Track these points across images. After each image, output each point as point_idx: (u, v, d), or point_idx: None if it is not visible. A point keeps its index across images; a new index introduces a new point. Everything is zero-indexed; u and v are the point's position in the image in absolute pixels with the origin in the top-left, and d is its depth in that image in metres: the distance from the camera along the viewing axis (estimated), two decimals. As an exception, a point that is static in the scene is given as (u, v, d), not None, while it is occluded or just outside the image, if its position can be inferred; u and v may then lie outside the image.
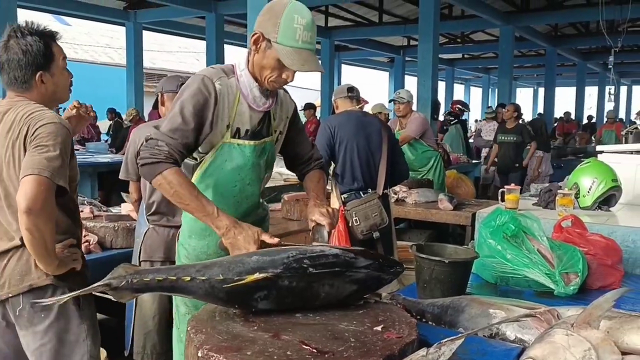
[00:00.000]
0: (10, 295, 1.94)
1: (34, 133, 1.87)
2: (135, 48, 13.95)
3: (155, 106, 3.23)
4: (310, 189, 2.08)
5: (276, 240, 1.69)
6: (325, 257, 1.50)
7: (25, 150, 1.87)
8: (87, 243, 3.20)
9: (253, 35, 1.79)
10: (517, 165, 7.92)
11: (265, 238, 1.68)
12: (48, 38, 2.02)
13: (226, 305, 1.49)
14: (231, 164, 1.88)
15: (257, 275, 1.43)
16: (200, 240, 1.99)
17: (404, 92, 5.91)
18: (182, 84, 2.94)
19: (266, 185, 5.08)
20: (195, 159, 1.92)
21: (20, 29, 1.98)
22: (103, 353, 2.82)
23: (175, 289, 1.49)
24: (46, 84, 2.01)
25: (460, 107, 9.85)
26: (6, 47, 1.96)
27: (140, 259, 2.83)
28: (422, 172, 5.77)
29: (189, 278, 1.45)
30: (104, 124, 13.39)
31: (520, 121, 8.51)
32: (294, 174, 2.19)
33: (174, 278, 1.46)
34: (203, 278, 1.44)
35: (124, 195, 3.94)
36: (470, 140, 11.00)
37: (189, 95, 1.81)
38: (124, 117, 11.71)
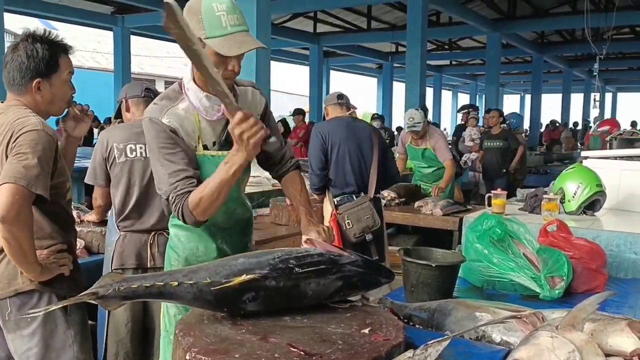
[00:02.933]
0: None
1: (15, 140, 1.85)
2: (122, 53, 13.91)
3: (117, 115, 3.09)
4: (295, 198, 2.03)
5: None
6: (311, 257, 1.52)
7: (7, 157, 1.86)
8: (73, 248, 3.18)
9: None
10: (504, 170, 7.98)
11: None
12: (58, 48, 2.02)
13: (215, 309, 1.49)
14: (207, 175, 1.82)
15: (244, 277, 1.44)
16: (188, 243, 1.98)
17: (417, 115, 5.38)
18: (147, 89, 2.91)
19: (254, 190, 5.06)
20: None
21: (34, 35, 1.99)
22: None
23: (163, 295, 1.48)
24: (42, 92, 2.01)
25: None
26: (14, 48, 1.98)
27: (112, 267, 2.74)
28: (435, 185, 5.55)
29: (176, 283, 1.44)
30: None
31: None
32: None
33: (162, 284, 1.45)
34: (191, 282, 1.44)
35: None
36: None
37: (155, 141, 1.79)
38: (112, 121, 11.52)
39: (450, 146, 6.64)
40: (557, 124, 16.89)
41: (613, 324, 1.40)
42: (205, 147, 1.86)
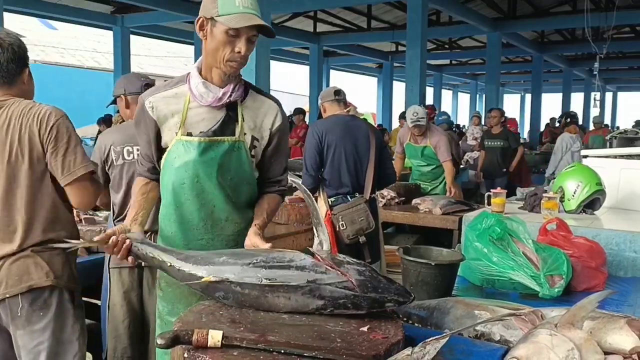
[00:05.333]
0: (7, 295, 1.95)
1: (50, 129, 1.96)
2: (122, 52, 13.90)
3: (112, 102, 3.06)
4: (259, 212, 1.96)
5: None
6: (287, 268, 1.50)
7: (44, 149, 1.96)
8: (73, 247, 3.18)
9: (197, 22, 1.80)
10: (504, 170, 7.98)
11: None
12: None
13: (203, 293, 1.63)
14: (179, 160, 1.87)
15: (210, 278, 1.54)
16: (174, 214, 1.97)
17: (421, 111, 5.44)
18: (147, 84, 2.90)
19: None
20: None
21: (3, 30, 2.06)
22: (89, 357, 2.80)
23: (162, 268, 1.75)
24: (29, 81, 2.09)
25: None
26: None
27: (110, 266, 2.76)
28: (433, 184, 5.61)
29: (169, 264, 1.68)
30: (92, 129, 13.28)
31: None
32: None
33: (161, 259, 1.71)
34: (178, 268, 1.65)
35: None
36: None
37: (134, 119, 2.00)
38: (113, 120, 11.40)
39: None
40: (556, 123, 16.87)
41: (612, 322, 1.39)
42: (189, 134, 1.87)
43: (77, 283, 2.11)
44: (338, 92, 3.90)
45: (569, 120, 8.51)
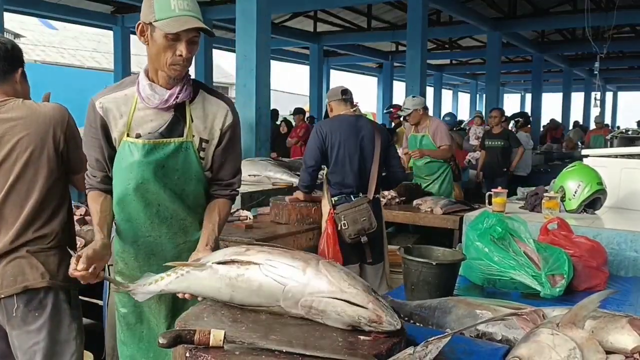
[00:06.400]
0: (2, 296, 1.96)
1: (65, 129, 2.03)
2: (122, 52, 13.89)
3: None
4: (209, 222, 1.95)
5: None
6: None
7: (56, 146, 2.02)
8: (73, 247, 3.19)
9: (137, 28, 1.82)
10: (505, 169, 7.99)
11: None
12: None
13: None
14: (124, 161, 1.90)
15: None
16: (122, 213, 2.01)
17: (408, 101, 5.70)
18: None
19: (254, 189, 5.03)
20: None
21: None
22: (90, 357, 2.80)
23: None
24: (22, 81, 2.11)
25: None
26: None
27: (107, 263, 2.78)
28: (427, 180, 5.63)
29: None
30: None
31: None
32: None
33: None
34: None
35: None
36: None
37: (86, 121, 1.96)
38: None
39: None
40: (557, 123, 16.87)
41: (614, 322, 1.39)
42: (137, 135, 1.89)
43: (74, 283, 2.06)
44: (345, 92, 3.90)
45: (523, 120, 9.59)
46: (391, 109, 9.12)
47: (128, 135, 1.89)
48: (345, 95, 3.89)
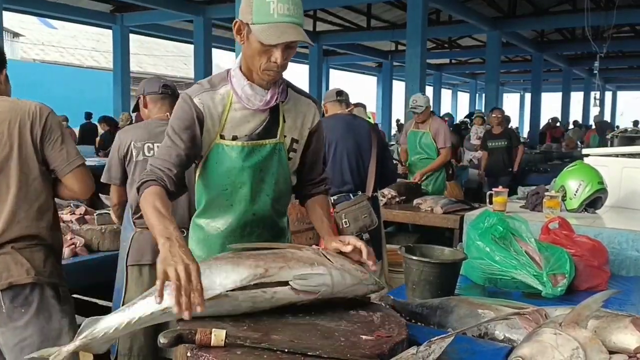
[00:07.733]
0: None
1: (44, 124, 2.00)
2: (122, 51, 13.91)
3: (135, 109, 3.14)
4: (319, 223, 1.89)
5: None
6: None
7: (34, 143, 1.99)
8: (73, 246, 3.18)
9: (235, 25, 1.71)
10: (510, 169, 8.01)
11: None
12: None
13: None
14: (221, 166, 1.80)
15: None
16: (212, 221, 1.89)
17: (420, 99, 5.70)
18: (165, 85, 2.93)
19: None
20: (196, 163, 1.87)
21: None
22: (90, 356, 2.79)
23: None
24: (5, 82, 2.11)
25: None
26: None
27: (128, 264, 2.79)
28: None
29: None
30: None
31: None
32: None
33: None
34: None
35: (103, 197, 3.89)
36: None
37: (173, 117, 1.81)
38: (118, 120, 11.26)
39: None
40: (557, 123, 16.88)
41: (617, 321, 1.39)
42: (234, 137, 1.79)
43: (62, 278, 2.10)
44: (340, 93, 3.96)
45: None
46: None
47: (223, 138, 1.78)
48: (340, 96, 3.96)
